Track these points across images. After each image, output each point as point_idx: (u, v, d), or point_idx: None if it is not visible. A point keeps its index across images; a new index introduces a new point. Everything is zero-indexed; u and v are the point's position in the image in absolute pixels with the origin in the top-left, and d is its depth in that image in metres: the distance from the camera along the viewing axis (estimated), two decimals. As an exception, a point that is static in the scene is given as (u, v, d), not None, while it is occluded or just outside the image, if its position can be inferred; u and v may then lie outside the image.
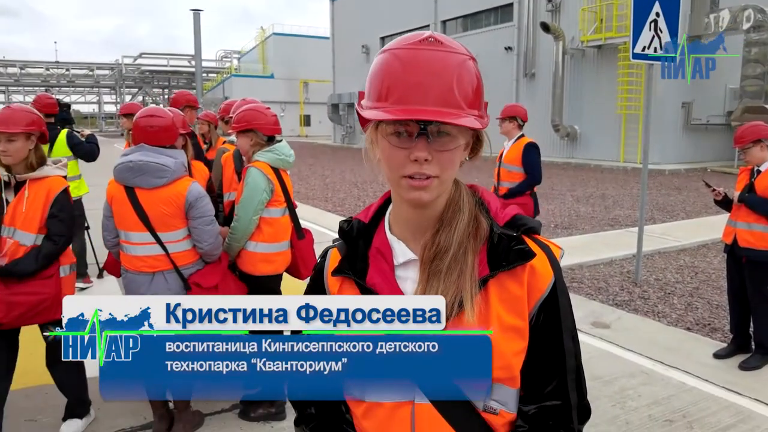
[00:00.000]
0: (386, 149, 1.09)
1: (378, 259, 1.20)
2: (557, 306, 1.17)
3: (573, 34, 24.81)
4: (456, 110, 1.04)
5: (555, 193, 15.12)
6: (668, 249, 8.91)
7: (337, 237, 1.30)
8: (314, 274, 1.31)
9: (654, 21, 6.62)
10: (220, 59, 71.21)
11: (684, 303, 6.38)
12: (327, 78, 47.40)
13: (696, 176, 19.58)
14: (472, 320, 1.08)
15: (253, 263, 3.86)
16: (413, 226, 1.18)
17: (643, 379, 4.47)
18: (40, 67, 62.91)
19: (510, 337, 1.13)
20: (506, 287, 1.13)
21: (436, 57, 1.04)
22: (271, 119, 3.91)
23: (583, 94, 25.13)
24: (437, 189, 1.09)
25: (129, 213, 3.37)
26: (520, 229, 1.16)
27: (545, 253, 1.16)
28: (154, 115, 3.48)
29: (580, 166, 23.42)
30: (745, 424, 3.82)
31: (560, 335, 1.18)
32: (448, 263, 1.11)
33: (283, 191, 3.94)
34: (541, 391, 1.18)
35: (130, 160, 3.34)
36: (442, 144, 1.06)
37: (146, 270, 3.43)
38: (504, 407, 1.16)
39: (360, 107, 1.13)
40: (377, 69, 1.10)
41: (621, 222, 11.19)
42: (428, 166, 1.06)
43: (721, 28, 21.40)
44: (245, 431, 3.75)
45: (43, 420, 3.87)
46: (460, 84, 1.05)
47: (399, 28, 37.32)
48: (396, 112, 1.03)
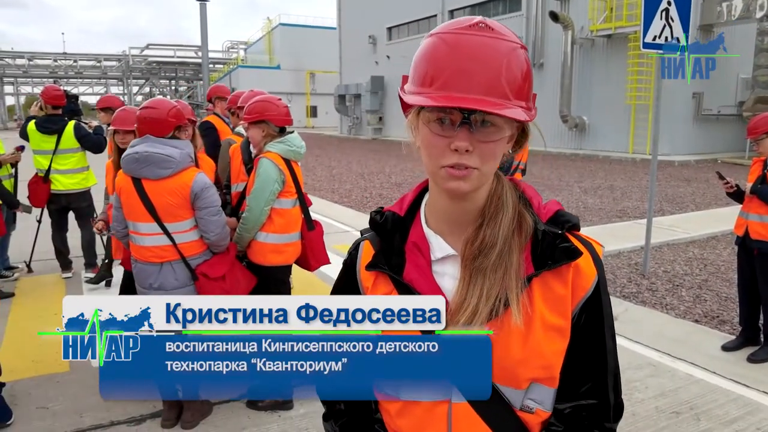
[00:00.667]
0: (427, 137, 1.05)
1: (415, 254, 1.15)
2: (600, 305, 1.14)
3: (582, 23, 24.62)
4: (502, 100, 0.99)
5: (563, 185, 15.07)
6: (677, 241, 8.87)
7: (367, 228, 1.26)
8: (345, 269, 1.27)
9: (665, 9, 6.55)
10: (226, 50, 71.20)
11: (692, 295, 6.35)
12: (334, 69, 47.35)
13: (706, 167, 19.47)
14: (518, 322, 1.05)
15: (263, 254, 3.89)
16: (451, 219, 1.14)
17: (651, 371, 4.47)
18: (48, 59, 63.08)
19: (552, 337, 1.10)
20: (550, 286, 1.10)
21: (484, 43, 0.99)
22: (283, 110, 3.95)
23: (591, 85, 24.96)
24: (477, 180, 1.04)
25: (136, 204, 3.43)
26: (564, 225, 1.13)
27: (588, 251, 1.13)
28: (148, 107, 3.56)
29: (589, 157, 23.30)
30: (752, 416, 3.82)
31: (603, 335, 1.16)
32: (493, 261, 1.08)
33: (294, 182, 3.96)
34: (578, 389, 1.16)
35: (136, 151, 3.39)
36: (486, 135, 1.01)
37: (154, 260, 3.48)
38: (540, 406, 1.14)
39: (402, 92, 1.08)
40: (423, 53, 1.05)
41: (629, 214, 11.14)
42: (468, 157, 1.01)
43: (734, 17, 21.15)
44: (253, 420, 3.79)
45: (55, 408, 3.93)
46: (508, 73, 1.00)
47: (406, 18, 37.27)
48: (439, 98, 0.98)
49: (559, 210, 1.15)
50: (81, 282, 6.70)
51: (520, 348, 1.07)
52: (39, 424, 3.76)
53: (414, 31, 36.94)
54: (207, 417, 3.78)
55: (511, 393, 1.11)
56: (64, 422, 3.77)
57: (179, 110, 3.60)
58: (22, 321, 5.46)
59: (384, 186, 15.02)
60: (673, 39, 6.63)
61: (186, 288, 3.53)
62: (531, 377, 1.10)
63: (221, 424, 3.74)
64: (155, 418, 3.78)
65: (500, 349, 1.07)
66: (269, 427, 3.73)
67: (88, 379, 4.25)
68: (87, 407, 3.93)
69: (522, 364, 1.08)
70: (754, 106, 21.03)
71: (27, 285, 5.87)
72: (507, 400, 1.11)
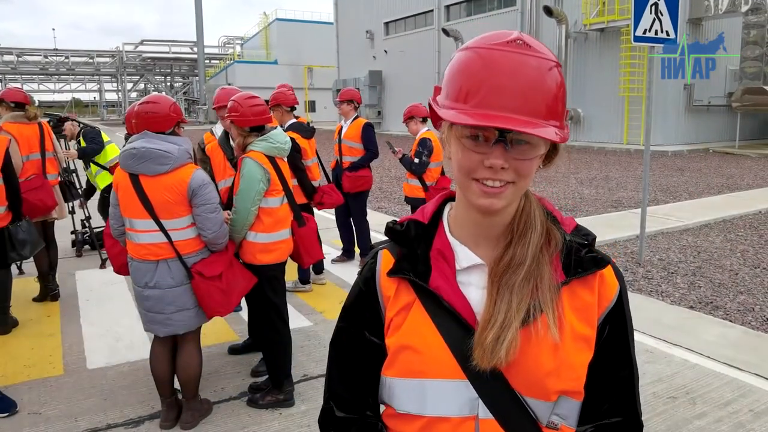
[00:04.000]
0: (459, 151, 1.03)
1: (440, 262, 1.13)
2: (624, 316, 1.14)
3: (576, 17, 24.74)
4: (537, 119, 0.97)
5: (559, 176, 15.14)
6: (671, 229, 9.00)
7: (382, 241, 1.24)
8: (362, 280, 1.21)
9: (655, 4, 6.65)
10: (222, 45, 70.92)
11: (687, 282, 6.47)
12: (331, 63, 47.22)
13: (698, 157, 19.62)
14: (555, 334, 1.04)
15: (252, 253, 3.82)
16: (477, 232, 1.12)
17: (647, 358, 4.53)
18: (37, 55, 62.53)
19: (580, 347, 1.08)
20: (578, 294, 1.09)
21: (522, 61, 0.97)
22: (250, 110, 3.83)
23: (586, 77, 25.09)
24: (511, 196, 1.03)
25: (133, 200, 3.36)
26: (587, 237, 1.13)
27: (609, 263, 1.13)
28: (149, 102, 3.48)
29: (584, 149, 23.44)
30: (745, 398, 3.91)
31: (628, 346, 1.15)
32: (522, 277, 1.06)
33: (281, 180, 3.90)
34: (601, 406, 1.14)
35: (133, 146, 3.34)
36: (521, 152, 1.00)
37: (150, 258, 3.40)
38: (565, 422, 1.11)
39: (435, 103, 1.06)
40: (458, 67, 1.02)
41: (624, 203, 11.28)
42: (504, 173, 0.99)
43: (721, 11, 21.58)
44: (254, 418, 3.74)
45: (48, 413, 3.82)
46: (544, 92, 0.98)
47: (403, 13, 37.25)
48: (475, 116, 0.96)
49: (579, 225, 1.16)
50: (74, 279, 6.78)
51: (551, 359, 1.05)
52: (31, 430, 3.62)
53: (411, 26, 36.94)
54: (207, 416, 3.73)
55: (539, 406, 1.08)
56: (58, 427, 3.65)
57: (179, 106, 3.56)
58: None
59: (384, 180, 15.05)
60: (663, 33, 6.75)
61: (182, 287, 3.45)
62: (560, 389, 1.07)
63: (221, 423, 3.67)
64: (153, 419, 3.71)
65: (530, 360, 1.05)
66: (270, 425, 3.67)
67: (83, 382, 4.23)
68: (82, 411, 3.83)
69: (552, 375, 1.06)
70: (743, 97, 21.49)
71: (18, 287, 5.57)
72: (534, 414, 1.08)
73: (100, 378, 4.30)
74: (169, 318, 3.46)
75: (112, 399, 3.99)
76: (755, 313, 5.52)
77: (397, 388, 1.13)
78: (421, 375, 1.09)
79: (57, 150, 6.30)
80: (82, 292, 6.29)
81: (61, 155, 6.40)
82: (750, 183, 13.88)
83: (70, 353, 4.73)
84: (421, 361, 1.09)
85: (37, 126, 5.95)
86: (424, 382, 1.09)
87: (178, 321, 3.48)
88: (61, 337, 5.05)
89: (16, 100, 5.91)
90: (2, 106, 5.88)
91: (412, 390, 1.11)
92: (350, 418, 1.23)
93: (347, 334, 1.23)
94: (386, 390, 1.16)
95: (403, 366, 1.11)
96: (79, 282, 6.64)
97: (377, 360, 1.17)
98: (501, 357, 1.01)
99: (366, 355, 1.19)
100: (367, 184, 6.95)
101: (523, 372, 1.05)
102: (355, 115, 7.00)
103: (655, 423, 3.63)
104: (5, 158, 4.67)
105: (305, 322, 5.37)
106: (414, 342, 1.10)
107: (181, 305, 3.47)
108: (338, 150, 7.04)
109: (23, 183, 5.40)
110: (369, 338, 1.18)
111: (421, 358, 1.09)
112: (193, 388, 3.65)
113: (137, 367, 4.48)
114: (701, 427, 3.59)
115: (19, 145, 5.62)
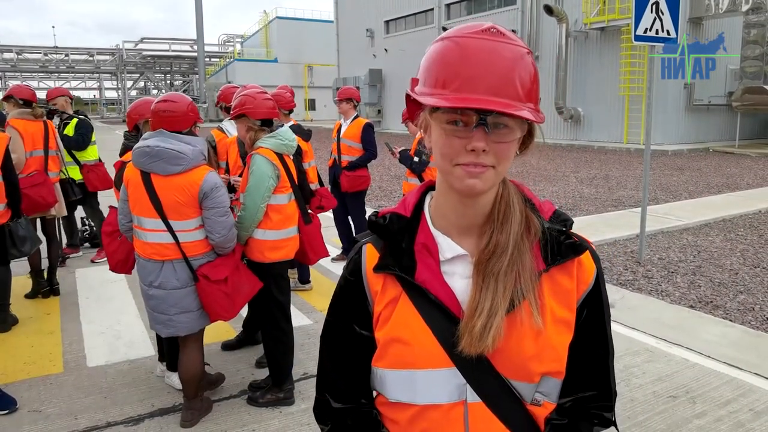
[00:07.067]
0: (441, 138, 1.05)
1: (424, 255, 1.15)
2: (600, 298, 1.19)
3: (576, 16, 24.72)
4: (516, 102, 1.00)
5: (559, 175, 15.17)
6: (671, 228, 9.00)
7: (365, 233, 1.25)
8: (347, 274, 1.23)
9: (655, 3, 6.64)
10: (222, 43, 70.89)
11: (687, 281, 6.47)
12: (331, 62, 47.21)
13: (698, 156, 19.62)
14: (538, 320, 1.09)
15: (261, 251, 3.81)
16: (459, 221, 1.15)
17: (647, 357, 4.54)
18: (37, 53, 62.50)
19: (560, 330, 1.13)
20: (558, 281, 1.14)
21: (498, 48, 1.01)
22: (263, 104, 3.84)
23: (586, 77, 25.09)
24: (492, 179, 1.05)
25: (143, 198, 3.33)
26: (565, 223, 1.16)
27: (587, 248, 1.17)
28: (167, 100, 3.44)
29: (584, 148, 23.43)
30: (745, 398, 3.91)
31: (604, 326, 1.21)
32: (506, 264, 1.09)
33: (288, 177, 3.90)
34: (578, 381, 1.20)
35: (147, 145, 3.29)
36: (500, 136, 1.03)
37: (156, 257, 3.39)
38: (547, 398, 1.16)
39: (413, 93, 1.09)
40: (436, 55, 1.06)
41: (624, 202, 11.28)
42: (485, 157, 1.02)
43: (721, 10, 21.60)
44: (254, 417, 3.74)
45: (48, 410, 3.82)
46: (520, 76, 1.02)
47: (403, 12, 37.22)
48: (456, 100, 0.99)
49: (557, 209, 1.21)
50: (74, 277, 6.79)
51: (534, 343, 1.10)
52: (31, 428, 3.62)
53: (411, 25, 36.90)
54: (207, 415, 3.72)
55: (523, 387, 1.13)
56: (58, 425, 3.64)
57: (196, 105, 3.53)
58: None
59: (383, 178, 15.08)
60: (663, 32, 6.75)
61: (186, 289, 3.42)
62: (543, 371, 1.12)
63: (221, 422, 3.68)
64: (153, 417, 3.71)
65: (514, 346, 1.09)
66: (270, 423, 3.68)
67: (83, 380, 4.23)
68: (82, 408, 3.83)
69: (535, 359, 1.11)
70: (743, 96, 21.48)
71: (17, 285, 5.51)
72: (519, 395, 1.14)
73: (100, 376, 4.30)
74: (171, 319, 3.45)
75: (112, 397, 3.99)
76: (755, 313, 5.52)
77: (388, 378, 1.16)
78: (411, 366, 1.13)
79: (60, 149, 6.42)
80: (82, 289, 6.29)
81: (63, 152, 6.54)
82: (750, 182, 13.88)
83: (70, 351, 4.73)
84: (410, 353, 1.12)
85: (42, 124, 6.06)
86: (414, 372, 1.13)
87: (180, 323, 3.47)
88: (61, 335, 5.05)
89: (25, 98, 6.09)
90: (11, 102, 6.04)
91: (402, 380, 1.14)
92: (347, 408, 1.26)
93: (337, 328, 1.26)
94: (377, 380, 1.19)
95: (393, 358, 1.15)
96: (79, 280, 6.64)
97: (368, 351, 1.20)
98: (488, 344, 1.05)
99: (357, 348, 1.22)
100: (365, 183, 6.98)
101: (508, 357, 1.10)
102: (355, 114, 7.01)
103: (655, 422, 3.63)
104: (5, 156, 4.69)
105: (305, 320, 5.37)
106: (403, 334, 1.13)
107: (185, 307, 3.45)
108: (337, 148, 7.05)
109: (25, 179, 5.47)
110: (359, 332, 1.21)
111: (411, 350, 1.12)
112: (193, 388, 3.65)
113: (137, 365, 4.48)
114: (701, 426, 3.59)
115: (23, 141, 5.71)
